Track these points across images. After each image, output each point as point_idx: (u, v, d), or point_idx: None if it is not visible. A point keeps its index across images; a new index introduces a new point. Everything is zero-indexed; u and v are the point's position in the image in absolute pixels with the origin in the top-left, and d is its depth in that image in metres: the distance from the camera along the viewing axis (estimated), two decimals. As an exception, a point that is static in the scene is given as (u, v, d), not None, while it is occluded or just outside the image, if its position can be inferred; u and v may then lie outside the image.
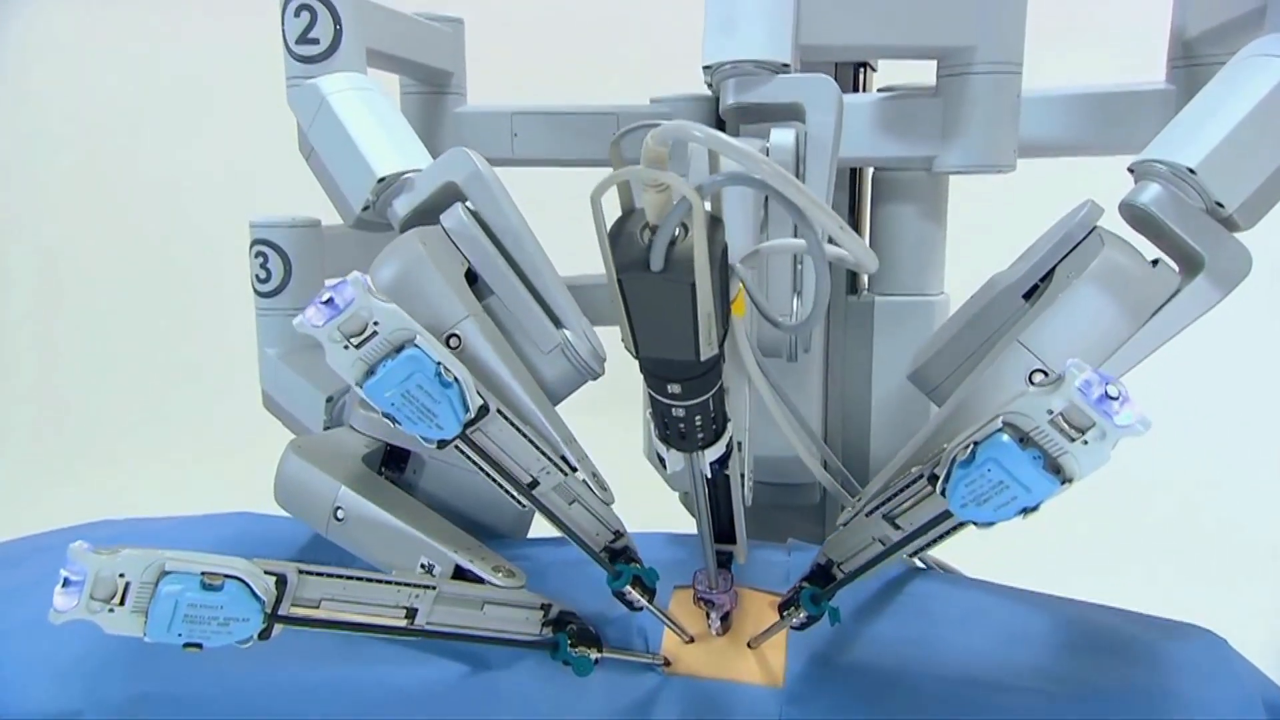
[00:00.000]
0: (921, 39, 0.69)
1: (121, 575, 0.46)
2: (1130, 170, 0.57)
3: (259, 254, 0.78)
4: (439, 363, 0.49)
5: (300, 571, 0.50)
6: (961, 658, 0.57)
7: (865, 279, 0.84)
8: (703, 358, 0.42)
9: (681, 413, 0.46)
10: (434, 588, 0.53)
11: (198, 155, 1.65)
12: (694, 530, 0.56)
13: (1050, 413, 0.43)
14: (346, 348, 0.48)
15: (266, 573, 0.48)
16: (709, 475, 0.50)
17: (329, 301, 0.48)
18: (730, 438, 0.49)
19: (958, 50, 0.68)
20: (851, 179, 0.83)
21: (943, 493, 0.46)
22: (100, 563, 0.45)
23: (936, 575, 0.64)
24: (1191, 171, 0.53)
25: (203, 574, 0.47)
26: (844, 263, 0.48)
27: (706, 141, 0.38)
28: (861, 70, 0.84)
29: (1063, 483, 0.43)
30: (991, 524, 0.46)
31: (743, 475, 0.55)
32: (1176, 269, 0.55)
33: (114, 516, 0.75)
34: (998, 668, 0.57)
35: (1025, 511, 0.44)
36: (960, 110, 0.70)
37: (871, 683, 0.56)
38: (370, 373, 0.49)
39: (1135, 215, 0.56)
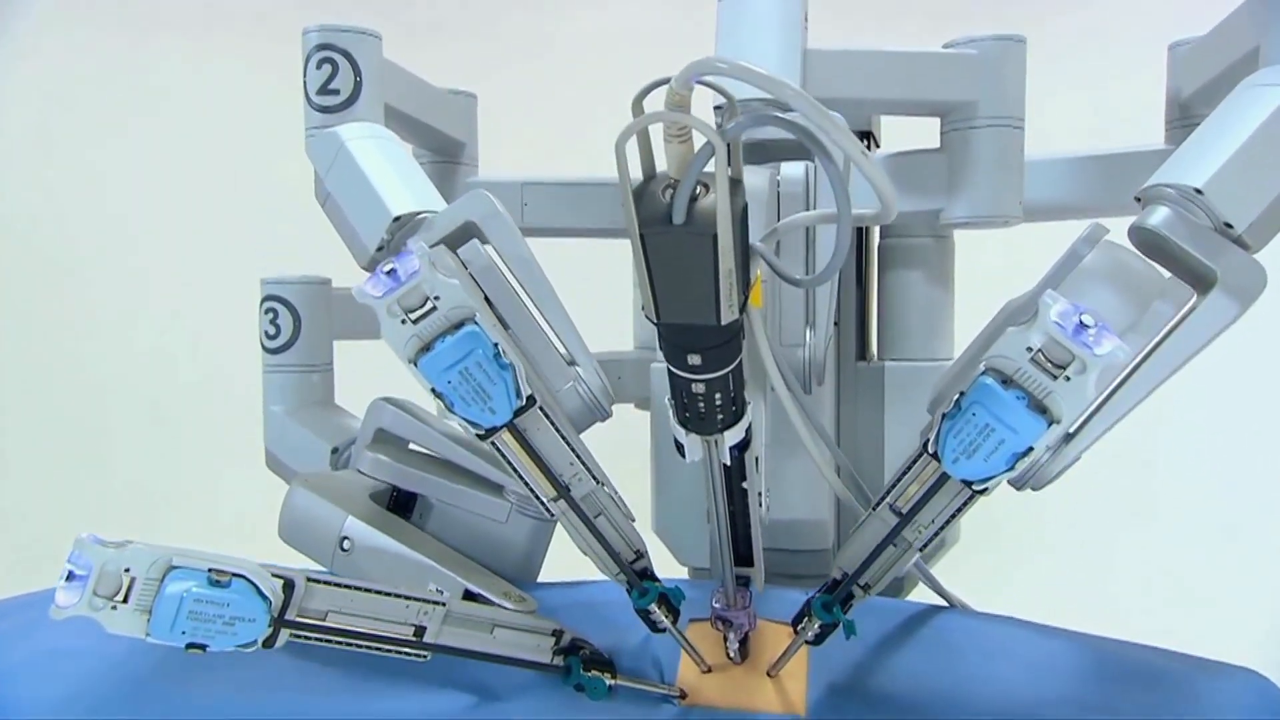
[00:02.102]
0: (924, 94, 0.71)
1: (127, 570, 0.45)
2: (1137, 199, 0.58)
3: (269, 310, 0.79)
4: (497, 343, 0.48)
5: (308, 579, 0.48)
6: (986, 688, 0.55)
7: (875, 346, 0.84)
8: (723, 321, 0.42)
9: (701, 389, 0.46)
10: (443, 604, 0.51)
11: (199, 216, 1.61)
12: (706, 579, 0.55)
13: (1030, 350, 0.43)
14: (404, 322, 0.47)
15: (274, 575, 0.47)
16: (728, 463, 0.50)
17: (391, 273, 0.47)
18: (749, 424, 0.49)
19: (960, 105, 0.70)
20: (858, 246, 0.84)
21: (935, 456, 0.46)
22: (106, 556, 0.44)
23: (959, 611, 0.62)
24: (1198, 192, 0.53)
25: (210, 570, 0.45)
26: (863, 220, 0.48)
27: (731, 71, 0.38)
28: (865, 142, 0.86)
29: (1050, 424, 0.43)
30: (987, 482, 0.46)
31: (760, 494, 0.54)
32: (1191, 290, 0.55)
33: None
34: (1023, 698, 0.55)
35: (1017, 461, 0.44)
36: (965, 164, 0.71)
37: (893, 711, 0.54)
38: (426, 349, 0.48)
39: (1144, 239, 0.56)
